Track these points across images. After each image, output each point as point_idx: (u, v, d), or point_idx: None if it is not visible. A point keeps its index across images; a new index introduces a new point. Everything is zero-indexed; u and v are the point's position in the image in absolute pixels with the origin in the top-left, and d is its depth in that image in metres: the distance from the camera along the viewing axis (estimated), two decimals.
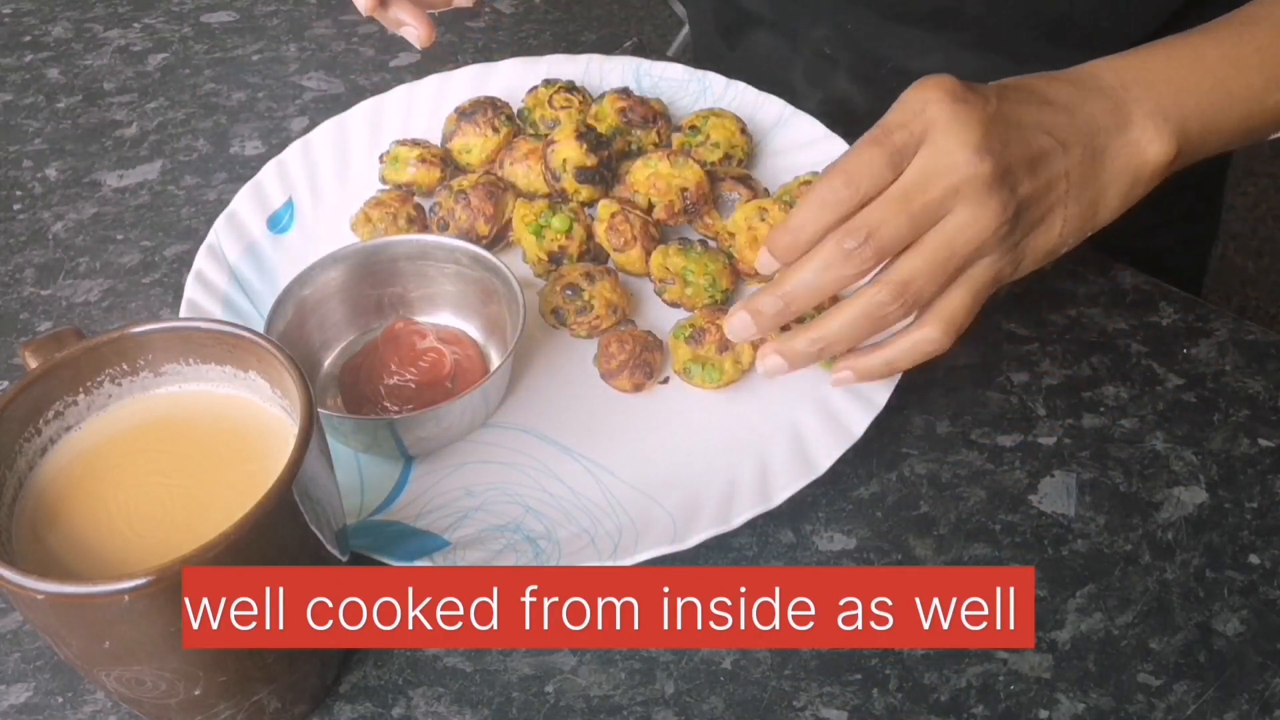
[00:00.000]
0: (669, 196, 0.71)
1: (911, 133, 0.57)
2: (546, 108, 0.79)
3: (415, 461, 0.65)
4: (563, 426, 0.66)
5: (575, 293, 0.70)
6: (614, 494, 0.63)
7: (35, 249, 0.81)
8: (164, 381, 0.55)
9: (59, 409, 0.53)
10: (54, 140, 0.88)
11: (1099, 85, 0.61)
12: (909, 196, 0.57)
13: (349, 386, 0.67)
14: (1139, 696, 0.56)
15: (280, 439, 0.52)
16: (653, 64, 0.84)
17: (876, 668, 0.57)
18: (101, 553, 0.50)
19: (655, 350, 0.68)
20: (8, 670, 0.60)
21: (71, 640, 0.48)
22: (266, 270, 0.74)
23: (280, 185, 0.78)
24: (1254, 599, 0.59)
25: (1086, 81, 0.61)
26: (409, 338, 0.67)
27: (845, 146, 0.76)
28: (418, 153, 0.77)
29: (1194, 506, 0.63)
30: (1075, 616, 0.59)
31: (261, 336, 0.53)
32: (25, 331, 0.76)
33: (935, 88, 0.57)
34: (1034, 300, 0.72)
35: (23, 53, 0.97)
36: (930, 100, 0.57)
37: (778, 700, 0.57)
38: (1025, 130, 0.58)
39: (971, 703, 0.56)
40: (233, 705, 0.52)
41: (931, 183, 0.57)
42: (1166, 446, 0.65)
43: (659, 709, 0.57)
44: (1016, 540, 0.62)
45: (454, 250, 0.69)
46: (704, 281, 0.70)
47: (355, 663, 0.59)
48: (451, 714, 0.57)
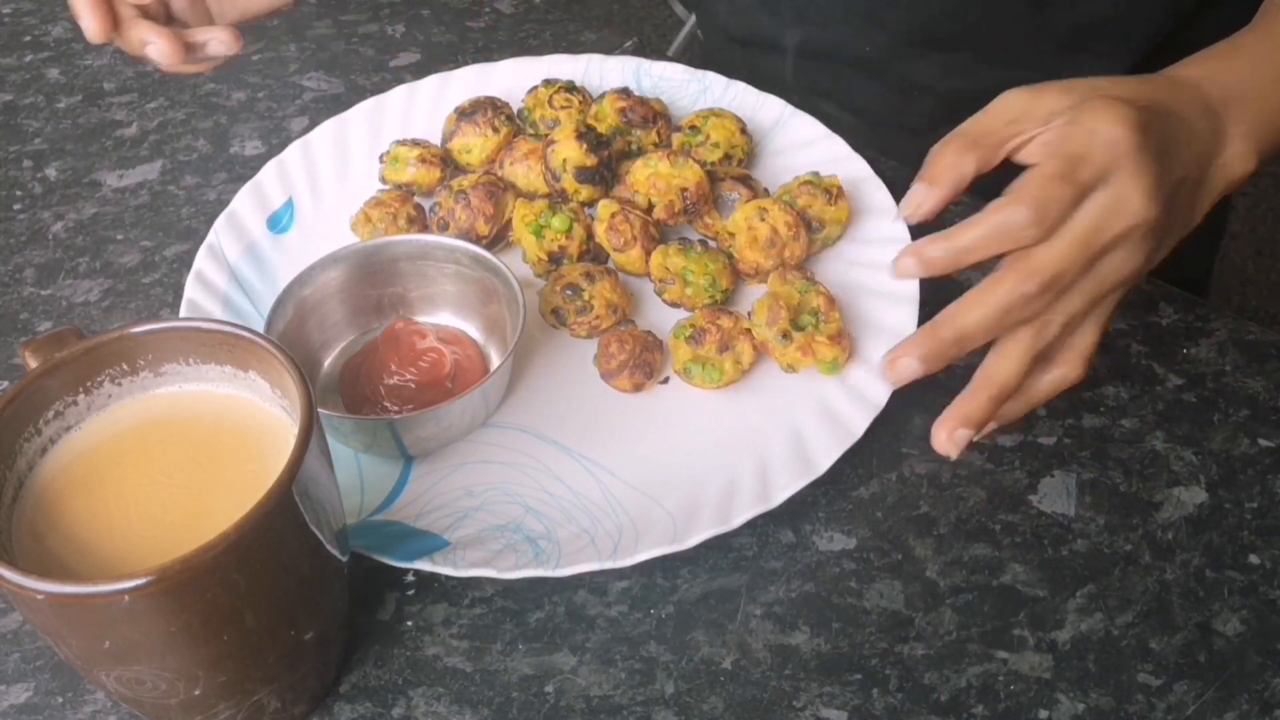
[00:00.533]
0: (669, 196, 0.71)
1: (1096, 169, 0.56)
2: (546, 108, 0.79)
3: (415, 461, 0.65)
4: (563, 426, 0.66)
5: (575, 293, 0.70)
6: (614, 494, 0.63)
7: (35, 249, 0.81)
8: (164, 381, 0.55)
9: (59, 409, 0.53)
10: (54, 140, 0.88)
11: (1205, 103, 0.60)
12: (1089, 242, 0.56)
13: (349, 386, 0.67)
14: (1139, 696, 0.56)
15: (280, 439, 0.52)
16: (653, 64, 0.84)
17: (876, 668, 0.57)
18: (101, 553, 0.50)
19: (655, 350, 0.68)
20: (8, 670, 0.60)
21: (71, 640, 0.48)
22: (266, 270, 0.74)
23: (280, 185, 0.78)
24: (1254, 599, 0.59)
25: (1195, 97, 0.60)
26: (409, 338, 0.67)
27: (844, 146, 0.77)
28: (418, 153, 0.77)
29: (1194, 506, 0.63)
30: (1075, 616, 0.59)
31: (261, 336, 0.53)
32: (25, 331, 0.76)
33: (1120, 122, 0.56)
34: None
35: (23, 52, 0.97)
36: (1116, 137, 0.55)
37: (778, 700, 0.57)
38: (1174, 163, 0.58)
39: (971, 702, 0.56)
40: (233, 705, 0.52)
41: (1110, 225, 0.56)
42: (1166, 446, 0.65)
43: (659, 709, 0.57)
44: (1016, 540, 0.62)
45: (454, 250, 0.69)
46: (704, 281, 0.70)
47: (355, 663, 0.59)
48: (451, 714, 0.57)
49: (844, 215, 0.72)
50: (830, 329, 0.67)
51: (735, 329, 0.67)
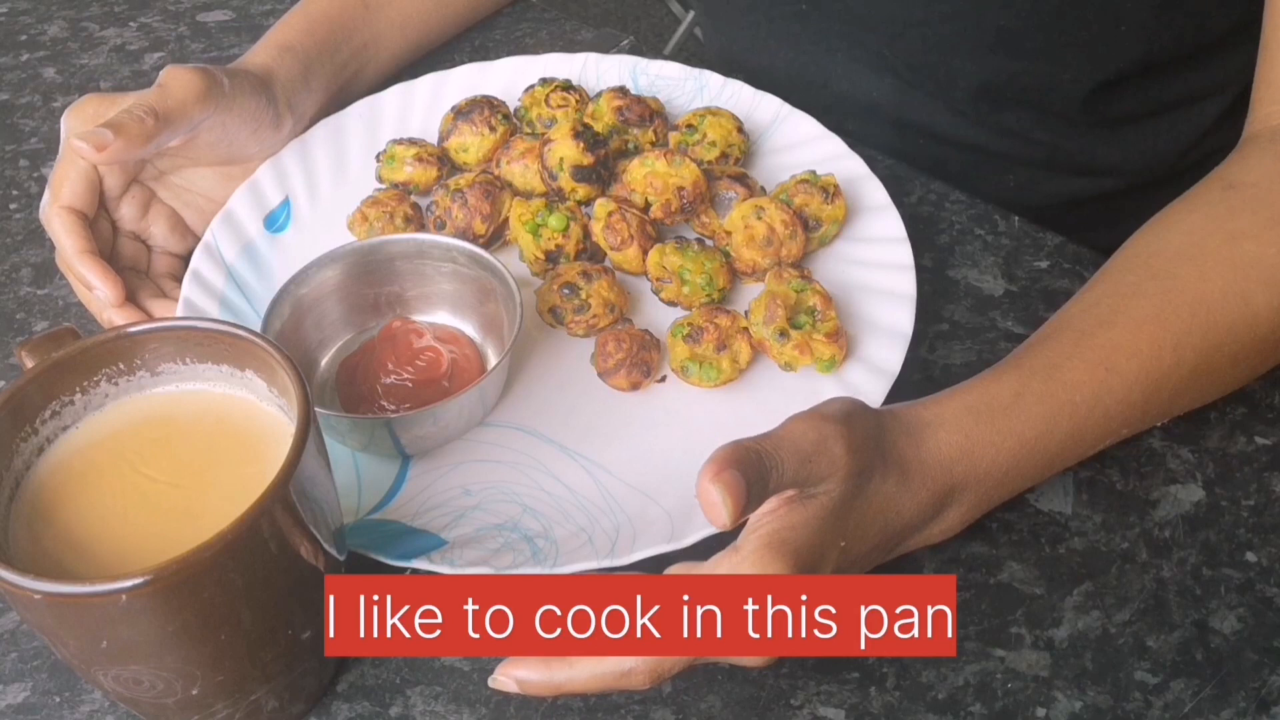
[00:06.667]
0: (666, 195, 0.71)
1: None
2: (543, 106, 0.79)
3: (412, 460, 0.65)
4: (560, 425, 0.66)
5: (572, 291, 0.70)
6: (611, 492, 0.63)
7: (32, 248, 0.81)
8: (161, 381, 0.55)
9: (56, 408, 0.53)
10: (50, 140, 0.88)
11: (934, 491, 0.57)
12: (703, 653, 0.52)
13: (346, 385, 0.67)
14: (1136, 694, 0.56)
15: (277, 438, 0.52)
16: (649, 62, 0.84)
17: (874, 666, 0.57)
18: (98, 552, 0.50)
19: (652, 349, 0.68)
20: (5, 670, 0.60)
21: (69, 640, 0.48)
22: (263, 269, 0.74)
23: (277, 185, 0.78)
24: (1251, 596, 0.59)
25: (927, 485, 0.57)
26: (406, 337, 0.67)
27: (841, 145, 0.77)
28: (414, 152, 0.77)
29: (1191, 504, 0.63)
30: (1072, 614, 0.59)
31: (258, 336, 0.53)
32: (22, 331, 0.75)
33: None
34: (1031, 299, 0.72)
35: (19, 52, 0.97)
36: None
37: (775, 699, 0.57)
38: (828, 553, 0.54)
39: (969, 700, 0.56)
40: (230, 705, 0.52)
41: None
42: (1163, 444, 0.65)
43: (657, 708, 0.57)
44: (1014, 538, 0.62)
45: (451, 249, 0.69)
46: (701, 280, 0.70)
47: (353, 662, 0.59)
48: (449, 713, 0.57)
49: (841, 214, 0.72)
50: (827, 327, 0.67)
51: (733, 328, 0.67)
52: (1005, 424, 0.58)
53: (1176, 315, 0.60)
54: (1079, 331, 0.61)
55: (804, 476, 0.53)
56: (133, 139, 0.67)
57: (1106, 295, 0.62)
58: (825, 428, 0.54)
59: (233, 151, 0.76)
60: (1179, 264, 0.62)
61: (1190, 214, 0.65)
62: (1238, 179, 0.65)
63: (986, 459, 0.58)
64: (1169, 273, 0.61)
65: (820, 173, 0.73)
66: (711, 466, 0.50)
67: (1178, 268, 0.62)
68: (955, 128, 0.85)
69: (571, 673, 0.51)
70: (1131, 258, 0.64)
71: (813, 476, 0.53)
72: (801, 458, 0.52)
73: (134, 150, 0.68)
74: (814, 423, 0.54)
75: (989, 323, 0.71)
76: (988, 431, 0.58)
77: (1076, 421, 0.59)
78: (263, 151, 0.78)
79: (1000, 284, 0.73)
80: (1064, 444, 0.59)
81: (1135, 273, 0.62)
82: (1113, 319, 0.61)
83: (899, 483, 0.56)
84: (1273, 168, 0.65)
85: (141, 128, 0.67)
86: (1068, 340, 0.61)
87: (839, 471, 0.53)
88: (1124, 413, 0.60)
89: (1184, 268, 0.62)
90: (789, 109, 0.80)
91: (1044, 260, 0.74)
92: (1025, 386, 0.59)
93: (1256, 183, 0.64)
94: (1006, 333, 0.70)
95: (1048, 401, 0.59)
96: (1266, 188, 0.64)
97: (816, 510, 0.53)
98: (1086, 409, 0.59)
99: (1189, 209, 0.65)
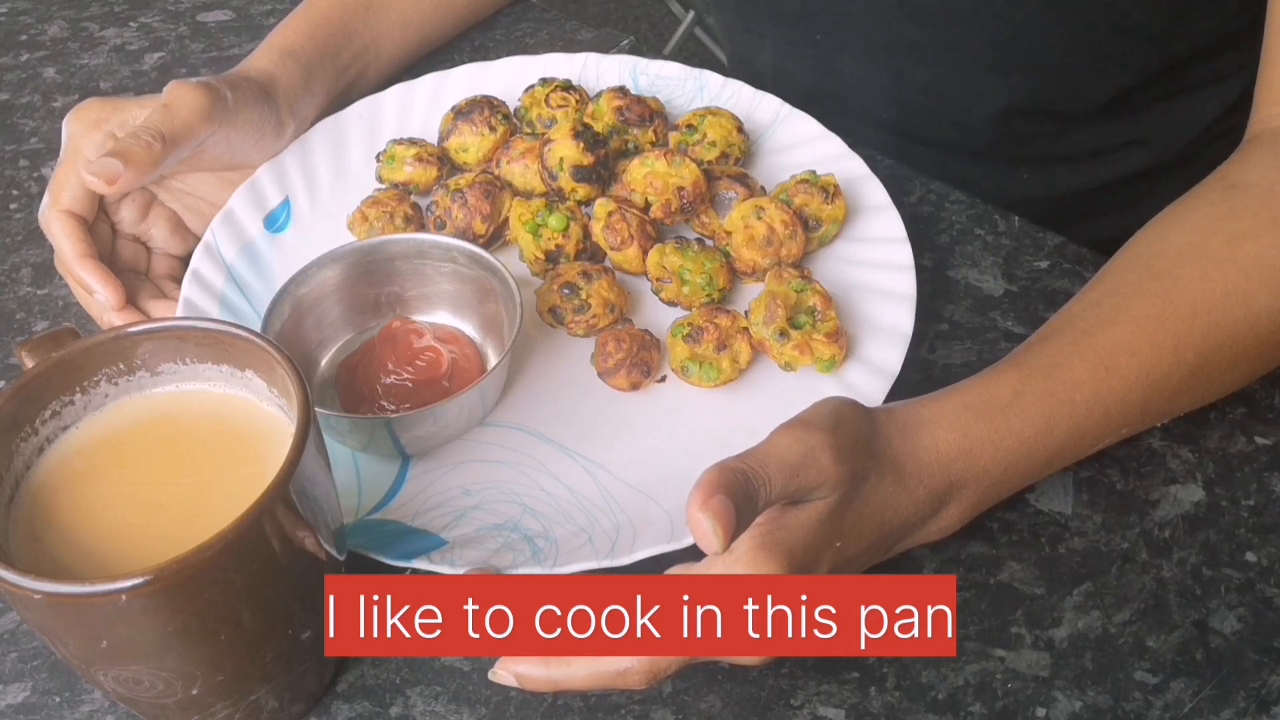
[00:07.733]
0: (666, 195, 0.71)
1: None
2: (543, 106, 0.79)
3: (412, 460, 0.65)
4: (560, 425, 0.66)
5: (572, 291, 0.70)
6: (611, 492, 0.63)
7: (32, 248, 0.81)
8: (161, 381, 0.55)
9: (56, 409, 0.53)
10: (50, 140, 0.88)
11: (932, 490, 0.57)
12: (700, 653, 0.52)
13: (346, 386, 0.67)
14: (1136, 694, 0.56)
15: (277, 438, 0.52)
16: (649, 62, 0.84)
17: (874, 666, 0.57)
18: (98, 552, 0.50)
19: (652, 349, 0.68)
20: (5, 670, 0.60)
21: (69, 640, 0.48)
22: (263, 270, 0.74)
23: (277, 185, 0.78)
24: (1251, 596, 0.59)
25: (924, 484, 0.57)
26: (406, 337, 0.67)
27: (841, 145, 0.77)
28: (414, 152, 0.77)
29: (1191, 504, 0.63)
30: (1072, 614, 0.59)
31: (258, 336, 0.53)
32: (22, 331, 0.75)
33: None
34: (1031, 299, 0.72)
35: (19, 52, 0.97)
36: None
37: (775, 699, 0.57)
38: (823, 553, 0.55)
39: (969, 700, 0.56)
40: (230, 704, 0.52)
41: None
42: (1163, 444, 0.65)
43: (657, 708, 0.57)
44: (1014, 538, 0.62)
45: (451, 249, 0.69)
46: (701, 280, 0.70)
47: (352, 662, 0.59)
48: (449, 713, 0.57)
49: (841, 214, 0.72)
50: (827, 327, 0.67)
51: (733, 327, 0.67)
52: (1004, 422, 0.58)
53: (1177, 315, 0.60)
54: (1079, 330, 0.61)
55: (793, 490, 0.52)
56: (142, 167, 0.68)
57: (1107, 294, 0.62)
58: (811, 438, 0.53)
59: (235, 159, 0.76)
60: (1180, 264, 0.62)
61: (1192, 214, 0.65)
62: (1239, 179, 0.65)
63: (985, 457, 0.58)
64: (1170, 273, 0.61)
65: (820, 173, 0.73)
66: (699, 494, 0.50)
67: (1179, 268, 0.62)
68: (970, 140, 0.86)
69: (569, 671, 0.51)
70: (1133, 257, 0.64)
71: (802, 488, 0.53)
72: (789, 472, 0.52)
73: (143, 178, 0.69)
74: (799, 434, 0.53)
75: (989, 323, 0.71)
76: (986, 429, 0.58)
77: (1076, 420, 0.59)
78: (264, 158, 0.78)
79: (1000, 284, 0.73)
80: (1063, 443, 0.59)
81: (1136, 272, 0.62)
82: (1113, 318, 0.61)
83: (895, 482, 0.56)
84: (1275, 168, 0.65)
85: (149, 154, 0.68)
86: (1068, 339, 0.61)
87: (829, 480, 0.53)
88: (1124, 412, 0.60)
89: (1185, 268, 0.62)
90: (789, 109, 0.80)
91: (1044, 260, 0.74)
92: (1024, 385, 0.59)
93: (1258, 183, 0.64)
94: (1006, 333, 0.70)
95: (1047, 400, 0.59)
96: (1268, 189, 0.64)
97: (811, 512, 0.53)
98: (1086, 408, 0.59)
99: (1190, 209, 0.65)
